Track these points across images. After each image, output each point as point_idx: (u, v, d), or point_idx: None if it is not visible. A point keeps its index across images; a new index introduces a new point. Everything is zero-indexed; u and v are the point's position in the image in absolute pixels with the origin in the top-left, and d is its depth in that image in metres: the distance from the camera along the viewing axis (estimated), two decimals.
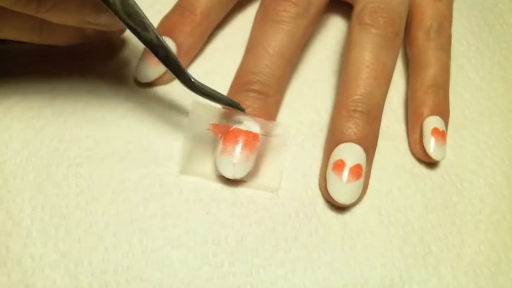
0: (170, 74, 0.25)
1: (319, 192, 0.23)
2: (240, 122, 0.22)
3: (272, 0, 0.25)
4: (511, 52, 0.31)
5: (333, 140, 0.23)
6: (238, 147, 0.22)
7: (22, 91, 0.24)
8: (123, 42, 0.27)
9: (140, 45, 0.25)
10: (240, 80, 0.24)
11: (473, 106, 0.28)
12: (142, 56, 0.25)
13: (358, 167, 0.22)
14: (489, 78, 0.29)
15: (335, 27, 0.30)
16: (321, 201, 0.23)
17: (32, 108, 0.24)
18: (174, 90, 0.26)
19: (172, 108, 0.25)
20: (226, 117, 0.23)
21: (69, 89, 0.24)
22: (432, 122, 0.25)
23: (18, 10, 0.18)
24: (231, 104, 0.22)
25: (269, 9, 0.25)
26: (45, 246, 0.20)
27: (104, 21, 0.21)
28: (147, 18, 0.19)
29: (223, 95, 0.22)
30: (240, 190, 0.23)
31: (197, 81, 0.21)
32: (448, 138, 0.25)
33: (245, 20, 0.29)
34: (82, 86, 0.25)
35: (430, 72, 0.26)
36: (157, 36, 0.19)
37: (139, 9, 0.19)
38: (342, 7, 0.29)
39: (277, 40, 0.24)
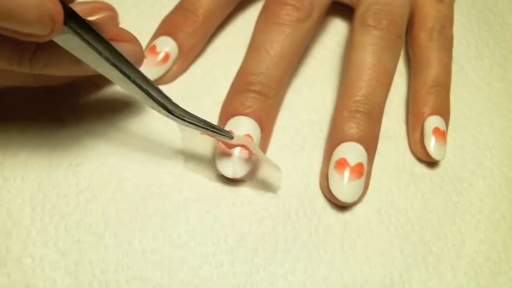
0: (171, 74, 0.26)
1: (319, 192, 0.23)
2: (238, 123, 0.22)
3: (275, 3, 0.25)
4: (511, 52, 0.31)
5: (335, 139, 0.23)
6: (238, 147, 0.22)
7: (21, 91, 0.24)
8: None
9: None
10: (241, 80, 0.24)
11: (472, 106, 0.28)
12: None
13: (359, 165, 0.22)
14: (489, 78, 0.30)
15: (335, 29, 0.30)
16: (321, 201, 0.23)
17: (32, 109, 0.24)
18: (175, 90, 0.26)
19: None
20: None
21: (68, 89, 0.24)
22: (433, 122, 0.25)
23: (14, 69, 0.18)
24: (218, 132, 0.20)
25: (272, 12, 0.25)
26: (45, 246, 0.20)
27: None
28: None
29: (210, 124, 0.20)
30: (240, 190, 0.23)
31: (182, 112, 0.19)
32: (448, 138, 0.25)
33: (246, 20, 0.29)
34: (82, 86, 0.25)
35: (431, 73, 0.26)
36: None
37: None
38: (342, 9, 0.29)
39: (279, 42, 0.24)
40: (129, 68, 0.18)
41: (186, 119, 0.19)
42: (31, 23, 0.14)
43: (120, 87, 0.18)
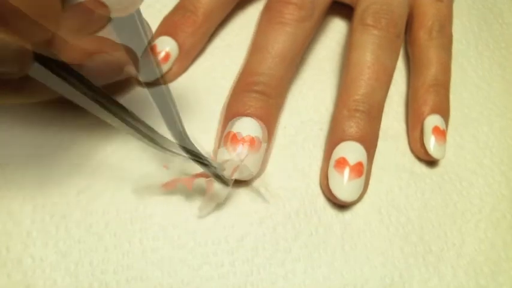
0: (171, 74, 0.26)
1: (319, 192, 0.23)
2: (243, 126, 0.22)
3: (277, 2, 0.25)
4: (510, 52, 0.31)
5: (334, 138, 0.23)
6: (240, 148, 0.22)
7: None
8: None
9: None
10: (243, 80, 0.24)
11: (472, 105, 0.28)
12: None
13: (359, 165, 0.22)
14: (488, 78, 0.30)
15: (334, 28, 0.30)
16: (321, 201, 0.23)
17: (33, 110, 0.24)
18: (175, 90, 0.26)
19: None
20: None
21: None
22: (433, 121, 0.25)
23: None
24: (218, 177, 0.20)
25: (274, 12, 0.25)
26: (45, 246, 0.20)
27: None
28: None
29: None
30: (240, 190, 0.23)
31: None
32: (448, 138, 0.25)
33: (246, 19, 0.29)
34: None
35: (431, 72, 0.26)
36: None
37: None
38: (342, 9, 0.29)
39: (281, 42, 0.24)
40: (109, 100, 0.17)
41: (173, 150, 0.19)
42: None
43: (102, 118, 0.18)
